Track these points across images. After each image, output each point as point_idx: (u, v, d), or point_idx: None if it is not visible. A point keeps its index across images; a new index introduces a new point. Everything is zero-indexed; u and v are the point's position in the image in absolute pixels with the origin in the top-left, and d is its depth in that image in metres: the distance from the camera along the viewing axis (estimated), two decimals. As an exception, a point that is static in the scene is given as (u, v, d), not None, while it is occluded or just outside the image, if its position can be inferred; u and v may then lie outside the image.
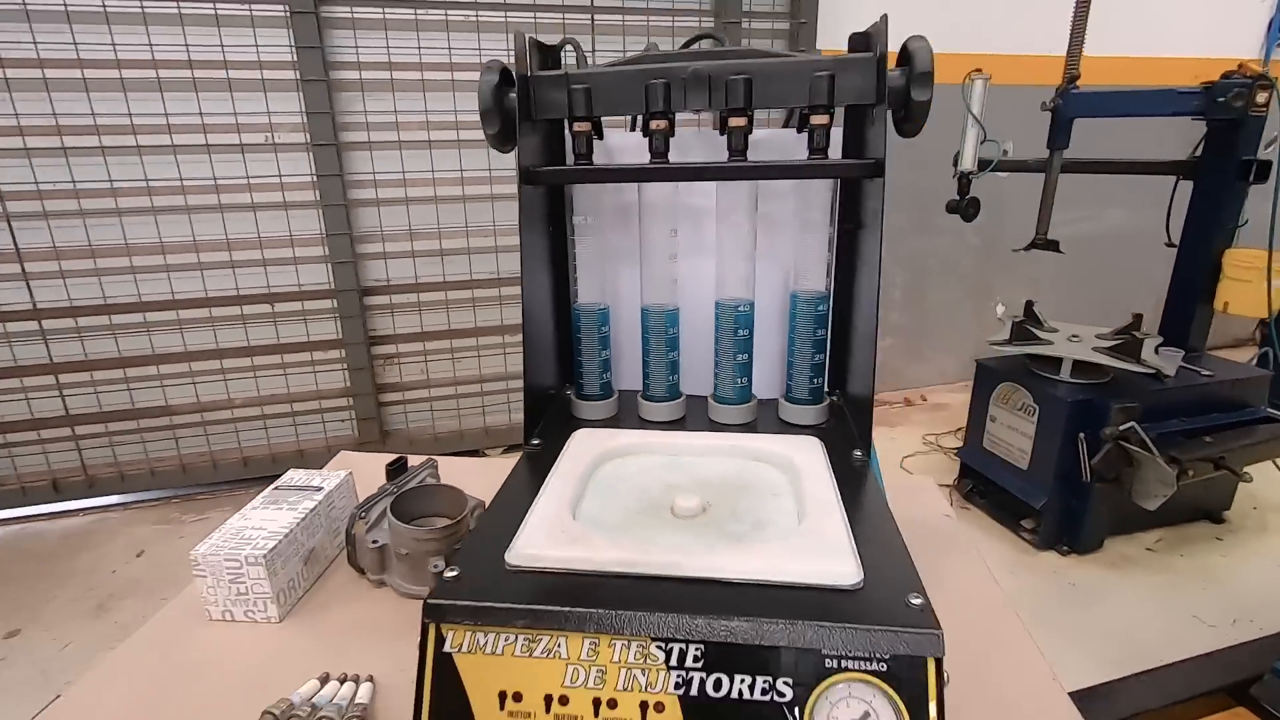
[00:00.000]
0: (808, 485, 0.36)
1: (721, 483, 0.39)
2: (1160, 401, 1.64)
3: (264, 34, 1.67)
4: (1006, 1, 2.22)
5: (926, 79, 0.35)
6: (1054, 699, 0.46)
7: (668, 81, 0.37)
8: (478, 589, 0.29)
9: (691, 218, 0.46)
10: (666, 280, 0.47)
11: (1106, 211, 2.59)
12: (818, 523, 0.32)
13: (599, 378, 0.48)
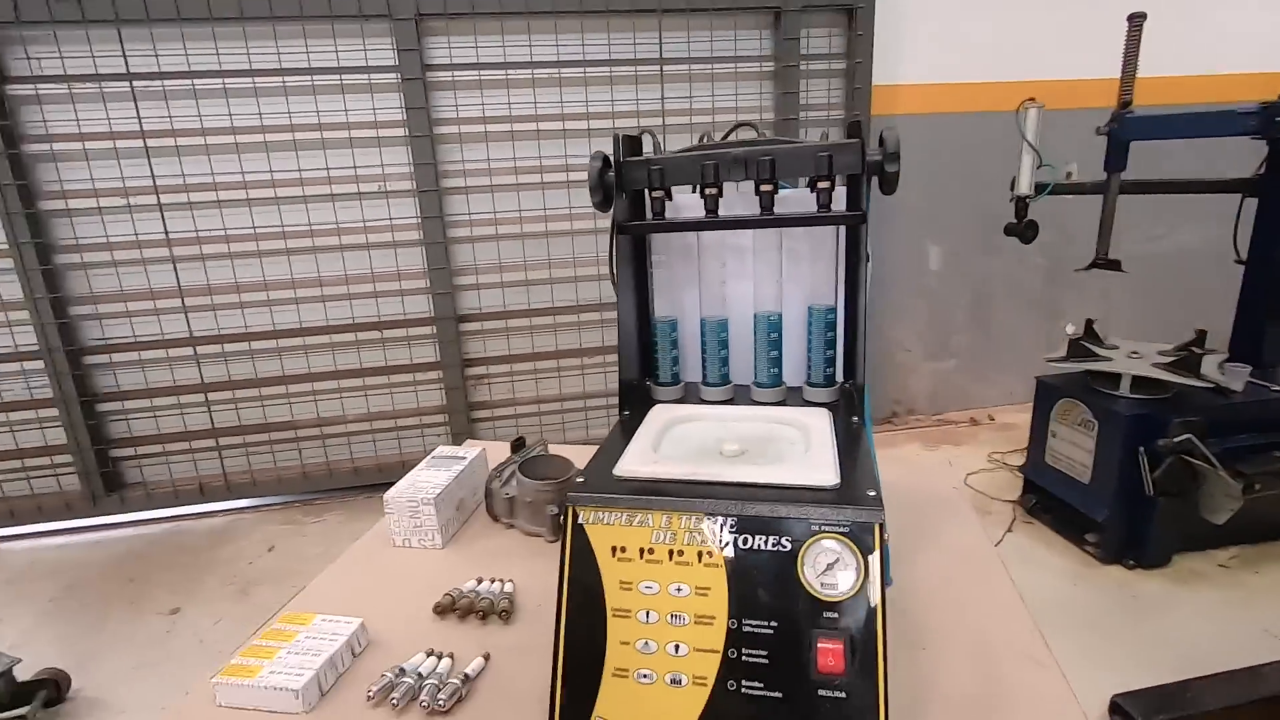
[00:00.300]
0: (814, 437, 0.53)
1: (756, 437, 0.56)
2: (1226, 416, 1.67)
3: (380, 98, 1.98)
4: (1060, 28, 2.31)
5: (894, 157, 0.52)
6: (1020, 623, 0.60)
7: (716, 163, 0.56)
8: (597, 487, 0.48)
9: (736, 253, 0.64)
10: (718, 299, 0.66)
11: (1181, 229, 2.60)
12: (815, 454, 0.50)
13: (670, 370, 0.68)
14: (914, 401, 2.67)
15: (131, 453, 2.13)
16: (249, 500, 2.20)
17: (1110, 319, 2.64)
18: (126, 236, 1.95)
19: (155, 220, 1.94)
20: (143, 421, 2.10)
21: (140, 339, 2.03)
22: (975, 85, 2.31)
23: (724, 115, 2.15)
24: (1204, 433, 1.60)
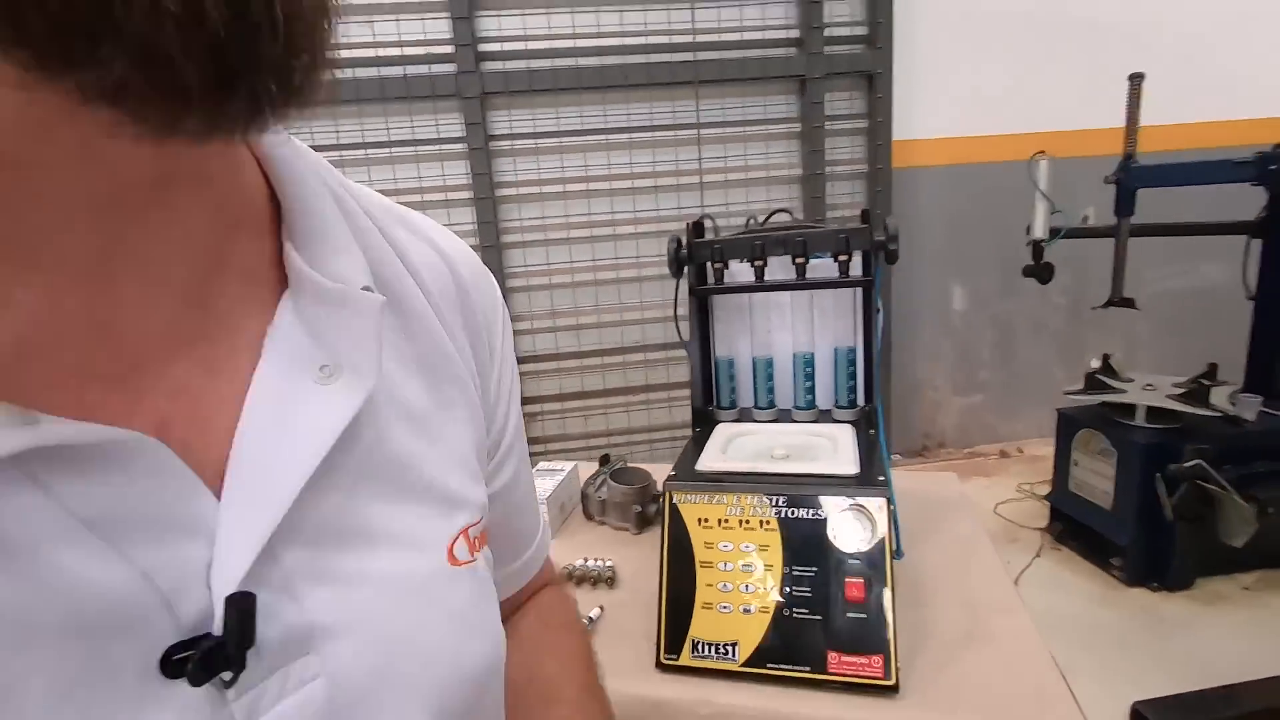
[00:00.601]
0: (840, 443, 0.73)
1: (797, 445, 0.77)
2: (1239, 444, 1.81)
3: (449, 165, 2.26)
4: (1068, 82, 2.52)
5: (895, 239, 0.73)
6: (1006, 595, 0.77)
7: (763, 243, 0.78)
8: (686, 477, 0.69)
9: (778, 308, 0.86)
10: (765, 343, 0.87)
11: (1197, 266, 2.74)
12: (841, 454, 0.70)
13: (729, 397, 0.89)
14: (944, 435, 2.82)
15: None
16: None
17: (1134, 354, 2.78)
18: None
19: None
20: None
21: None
22: (989, 138, 2.53)
23: (756, 173, 2.39)
24: (1215, 459, 1.74)
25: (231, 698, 0.24)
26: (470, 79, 2.16)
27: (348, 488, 0.29)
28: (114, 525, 0.22)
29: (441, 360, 0.35)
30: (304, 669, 0.26)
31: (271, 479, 0.26)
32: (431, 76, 2.17)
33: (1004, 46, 2.46)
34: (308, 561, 0.27)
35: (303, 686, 0.26)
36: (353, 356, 0.29)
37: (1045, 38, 2.48)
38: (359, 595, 0.29)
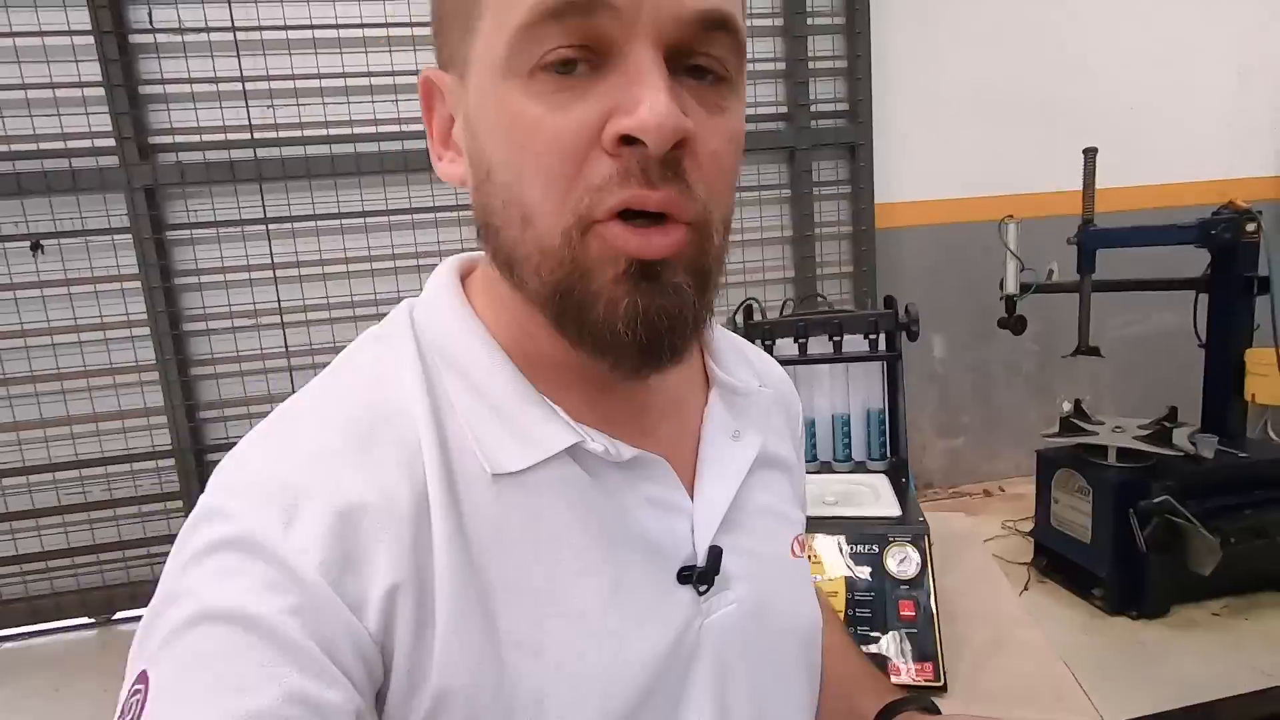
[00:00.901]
0: (880, 490, 0.90)
1: (842, 492, 0.93)
2: (1200, 480, 2.01)
3: (467, 230, 2.43)
4: (1036, 150, 2.81)
5: (915, 323, 0.92)
6: (1020, 612, 0.94)
7: (806, 324, 0.95)
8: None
9: (819, 377, 1.03)
10: (809, 407, 1.04)
11: (1153, 314, 3.01)
12: (883, 500, 0.86)
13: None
14: (930, 476, 3.00)
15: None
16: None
17: (1099, 395, 3.02)
18: (254, 350, 2.35)
19: (278, 335, 2.35)
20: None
21: (257, 438, 2.39)
22: (963, 200, 2.79)
23: (751, 234, 2.60)
24: (1181, 495, 1.94)
25: (702, 600, 0.47)
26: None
27: (745, 501, 0.52)
28: (654, 502, 0.46)
29: (784, 437, 0.60)
30: (728, 595, 0.49)
31: (718, 491, 0.49)
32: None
33: (972, 119, 2.74)
34: (730, 538, 0.49)
35: (727, 605, 0.48)
36: (748, 428, 0.53)
37: (1008, 111, 2.77)
38: (750, 560, 0.50)
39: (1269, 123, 3.02)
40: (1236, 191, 2.83)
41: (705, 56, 0.36)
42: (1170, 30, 2.83)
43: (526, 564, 0.40)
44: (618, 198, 0.35)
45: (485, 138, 0.40)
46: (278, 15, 2.21)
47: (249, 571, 0.34)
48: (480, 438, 0.41)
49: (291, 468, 0.37)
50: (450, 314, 0.46)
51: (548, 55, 0.35)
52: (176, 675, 0.33)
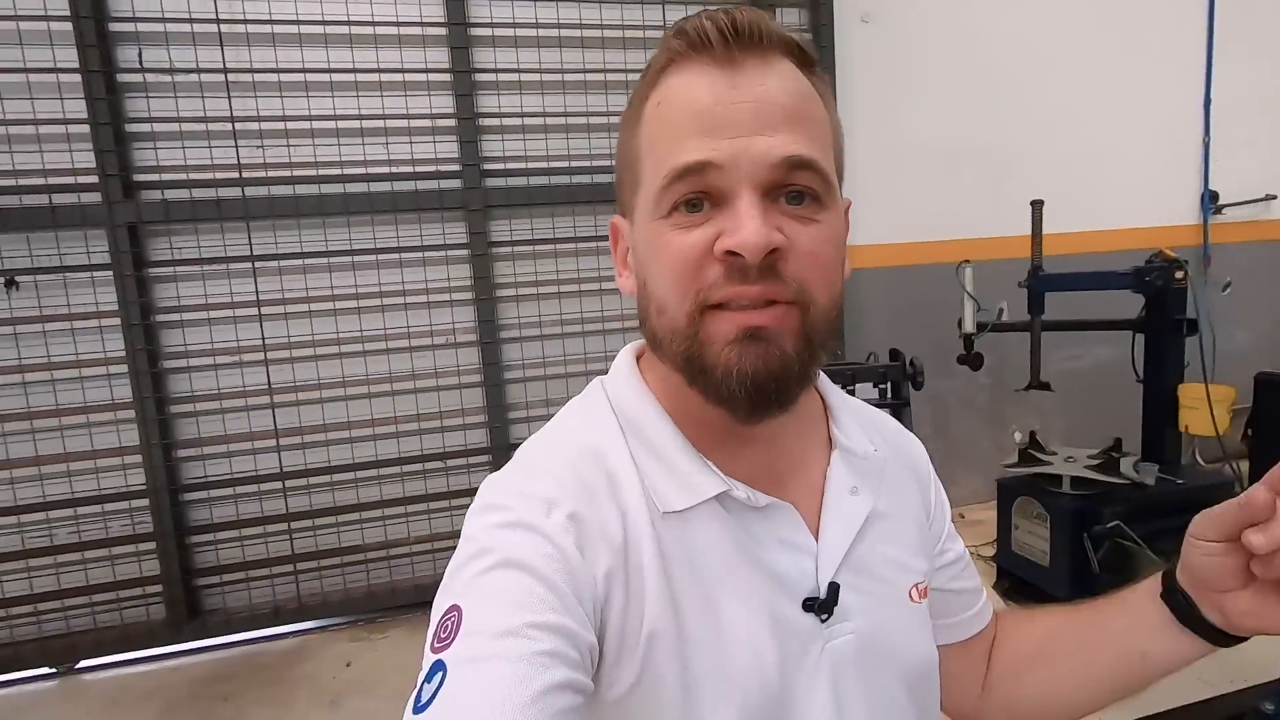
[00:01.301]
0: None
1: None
2: (1144, 505, 2.19)
3: (454, 269, 2.48)
4: (983, 197, 3.02)
5: (921, 374, 1.03)
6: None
7: (818, 373, 1.05)
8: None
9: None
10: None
11: (1095, 350, 3.24)
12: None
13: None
14: (896, 504, 3.14)
15: (217, 580, 2.40)
16: (318, 621, 2.47)
17: (1047, 425, 3.22)
18: (236, 387, 2.34)
19: (261, 372, 2.35)
20: (230, 550, 2.39)
21: (237, 475, 2.36)
22: (923, 244, 2.97)
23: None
24: (1129, 519, 2.11)
25: (824, 626, 0.57)
26: (475, 193, 2.42)
27: (863, 548, 0.61)
28: (784, 542, 0.57)
29: (905, 496, 0.68)
30: (846, 626, 0.58)
31: (838, 536, 0.59)
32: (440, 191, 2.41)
33: (930, 169, 2.94)
34: (849, 577, 0.59)
35: (846, 634, 0.58)
36: (865, 486, 0.62)
37: (962, 161, 2.98)
38: (868, 599, 0.60)
39: (1187, 176, 3.33)
40: (1164, 238, 3.12)
41: (796, 190, 0.51)
42: (1101, 92, 3.11)
43: (687, 579, 0.53)
44: (724, 292, 0.49)
45: (643, 261, 0.55)
46: (270, 58, 2.25)
47: (531, 541, 0.49)
48: (653, 484, 0.55)
49: (541, 485, 0.53)
50: (629, 387, 0.60)
51: (679, 200, 0.50)
52: (485, 598, 0.47)
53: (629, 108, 0.57)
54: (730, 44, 0.49)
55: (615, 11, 2.51)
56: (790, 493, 0.59)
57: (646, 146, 0.53)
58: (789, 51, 0.52)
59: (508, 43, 2.44)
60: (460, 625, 0.46)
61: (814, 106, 0.53)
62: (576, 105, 2.51)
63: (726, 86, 0.49)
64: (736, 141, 0.48)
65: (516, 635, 0.44)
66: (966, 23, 2.91)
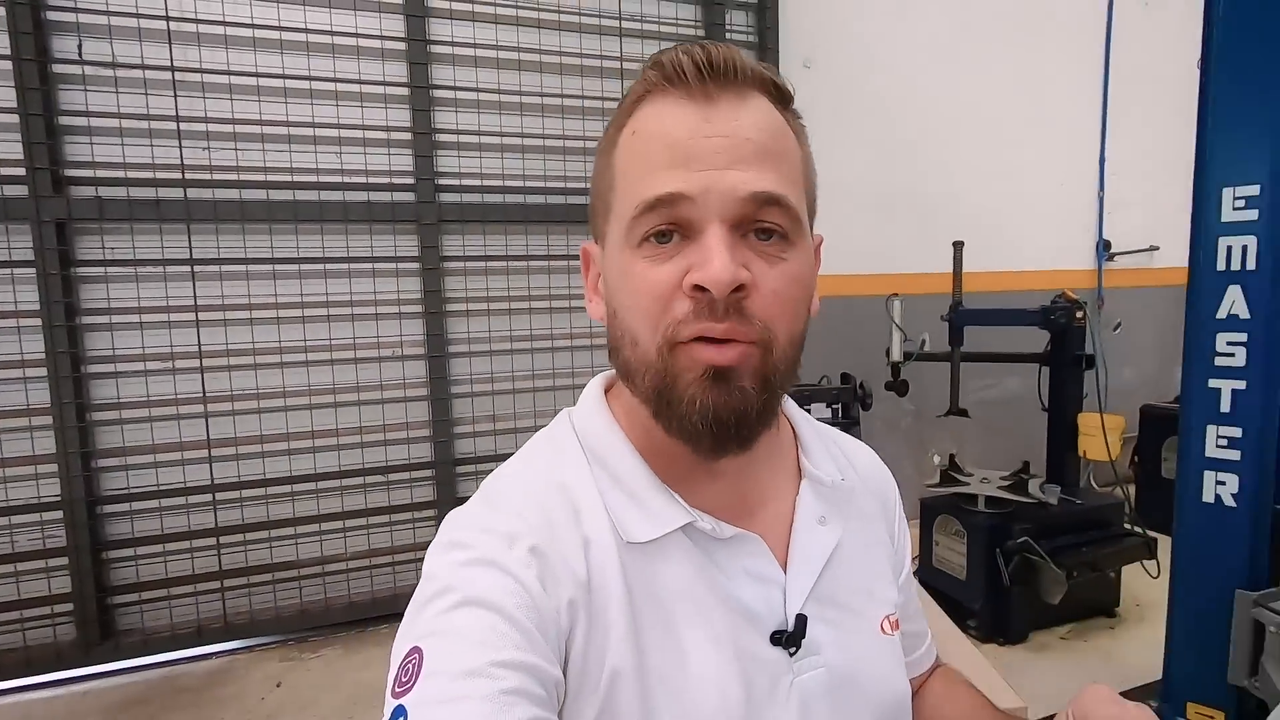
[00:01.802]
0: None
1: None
2: (1048, 524, 2.39)
3: (404, 281, 2.47)
4: (918, 237, 3.24)
5: (869, 395, 1.13)
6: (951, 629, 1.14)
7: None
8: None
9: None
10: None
11: (1006, 380, 3.51)
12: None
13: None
14: (825, 522, 3.28)
15: (135, 598, 2.27)
16: (245, 641, 2.37)
17: (963, 449, 3.45)
18: (168, 395, 2.24)
19: (196, 380, 2.26)
20: (152, 566, 2.27)
21: (164, 487, 2.26)
22: (856, 277, 3.16)
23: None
24: (1036, 535, 2.30)
25: (792, 660, 0.55)
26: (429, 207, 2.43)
27: (832, 578, 0.59)
28: (751, 574, 0.56)
29: (873, 525, 0.67)
30: (816, 660, 0.56)
31: (806, 566, 0.58)
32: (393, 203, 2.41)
33: (864, 207, 3.14)
34: (818, 609, 0.57)
35: (815, 669, 0.56)
36: (833, 515, 0.61)
37: (893, 202, 3.20)
38: (837, 631, 0.58)
39: (1085, 226, 3.68)
40: (1066, 281, 3.42)
41: (764, 226, 0.50)
42: (1014, 147, 3.41)
43: (652, 613, 0.52)
44: (693, 328, 0.49)
45: (613, 290, 0.55)
46: (221, 60, 2.21)
47: (494, 578, 0.48)
48: (618, 515, 0.54)
49: (503, 520, 0.52)
50: (596, 420, 0.59)
51: (649, 232, 0.50)
52: (446, 639, 0.46)
53: (604, 137, 0.57)
54: (705, 79, 0.50)
55: (574, 39, 2.59)
56: (759, 524, 0.58)
57: (619, 174, 0.53)
58: (764, 87, 0.53)
59: (467, 62, 2.48)
60: (421, 667, 0.44)
61: (787, 142, 0.53)
62: (533, 127, 2.57)
63: (700, 120, 0.49)
64: (708, 175, 0.48)
65: (480, 675, 0.43)
66: (898, 76, 3.15)
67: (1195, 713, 1.65)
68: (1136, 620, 2.52)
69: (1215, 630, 1.57)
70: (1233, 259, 1.45)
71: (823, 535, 0.60)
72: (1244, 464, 1.50)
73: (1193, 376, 1.55)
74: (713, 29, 2.74)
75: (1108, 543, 2.42)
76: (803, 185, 0.55)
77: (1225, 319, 1.48)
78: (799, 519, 0.60)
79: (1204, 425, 1.54)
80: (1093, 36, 3.55)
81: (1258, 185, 1.41)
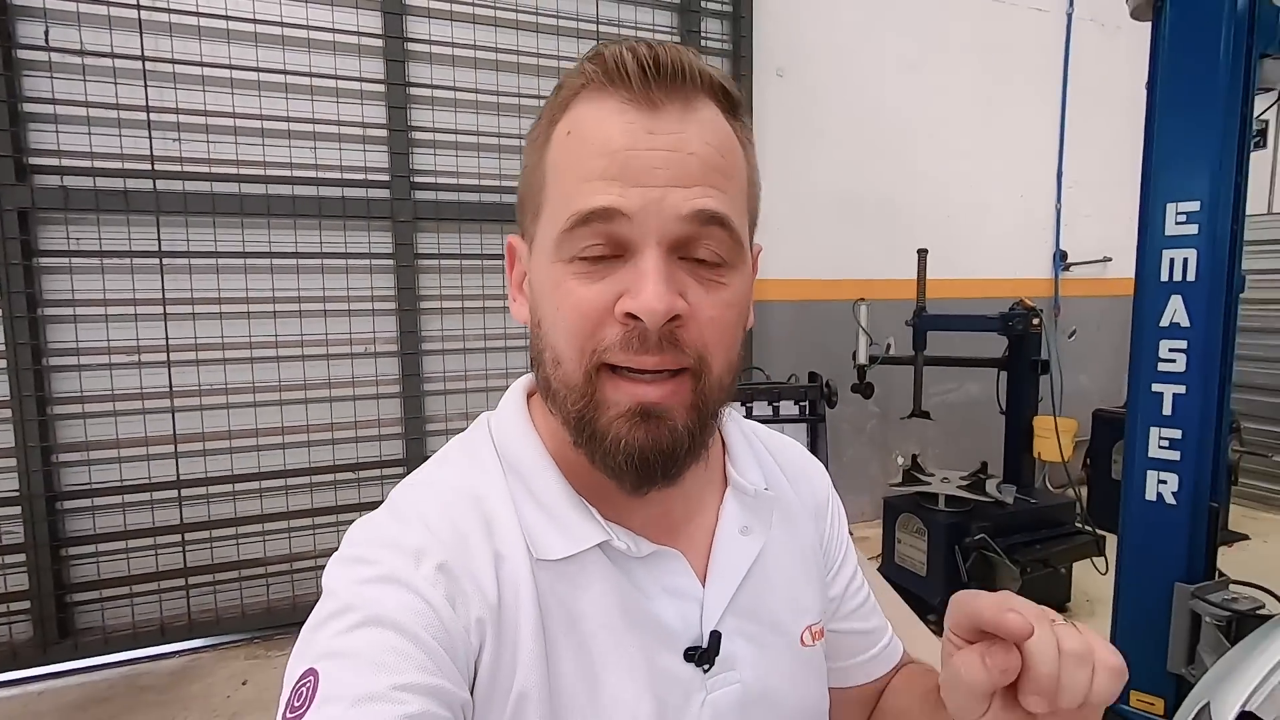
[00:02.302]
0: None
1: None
2: (1004, 522, 2.49)
3: (377, 278, 2.47)
4: (885, 244, 3.33)
5: (835, 394, 1.18)
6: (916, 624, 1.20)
7: (752, 392, 1.18)
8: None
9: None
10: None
11: (967, 384, 3.62)
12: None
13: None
14: (792, 521, 3.35)
15: (96, 595, 2.23)
16: (210, 639, 2.34)
17: (925, 450, 3.56)
18: (133, 389, 2.21)
19: (163, 374, 2.23)
20: (114, 564, 2.24)
21: (128, 483, 2.22)
22: (824, 281, 3.24)
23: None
24: (992, 533, 2.39)
25: (706, 678, 0.54)
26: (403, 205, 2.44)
27: (752, 590, 0.57)
28: (670, 590, 0.54)
29: (799, 530, 0.64)
30: (731, 676, 0.55)
31: (725, 580, 0.56)
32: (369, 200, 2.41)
33: (833, 214, 3.23)
34: (736, 623, 0.56)
35: (730, 685, 0.55)
36: (756, 524, 0.59)
37: (861, 209, 3.29)
38: (753, 646, 0.56)
39: (1043, 237, 3.82)
40: (1024, 289, 3.55)
41: (704, 247, 0.47)
42: (977, 160, 3.53)
43: (563, 633, 0.50)
44: (620, 359, 0.46)
45: (539, 299, 0.51)
46: (195, 51, 2.18)
47: (398, 597, 0.45)
48: (530, 529, 0.51)
49: (410, 534, 0.49)
50: (514, 428, 0.56)
51: (582, 249, 0.46)
52: (344, 661, 0.42)
53: (535, 127, 0.52)
54: (650, 82, 0.46)
55: (552, 41, 2.62)
56: (684, 538, 0.56)
57: (551, 175, 0.49)
58: (712, 93, 0.49)
59: (445, 61, 2.49)
60: (316, 692, 0.41)
61: (733, 158, 0.50)
62: (510, 127, 2.59)
63: (642, 130, 0.46)
64: (648, 192, 0.45)
65: (381, 699, 0.40)
66: (868, 86, 3.24)
67: (1138, 700, 1.75)
68: (1086, 614, 2.62)
69: (1157, 622, 1.66)
70: (1175, 270, 1.54)
71: (744, 545, 0.58)
72: (1183, 464, 1.59)
73: (1138, 381, 1.64)
74: (688, 36, 2.79)
75: (1059, 540, 2.52)
76: (746, 203, 0.52)
77: (1168, 327, 1.57)
78: (720, 530, 0.57)
79: (1148, 427, 1.63)
80: (1053, 57, 3.69)
81: (1198, 201, 1.50)
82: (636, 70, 0.46)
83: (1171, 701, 1.67)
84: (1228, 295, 1.54)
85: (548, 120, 0.51)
